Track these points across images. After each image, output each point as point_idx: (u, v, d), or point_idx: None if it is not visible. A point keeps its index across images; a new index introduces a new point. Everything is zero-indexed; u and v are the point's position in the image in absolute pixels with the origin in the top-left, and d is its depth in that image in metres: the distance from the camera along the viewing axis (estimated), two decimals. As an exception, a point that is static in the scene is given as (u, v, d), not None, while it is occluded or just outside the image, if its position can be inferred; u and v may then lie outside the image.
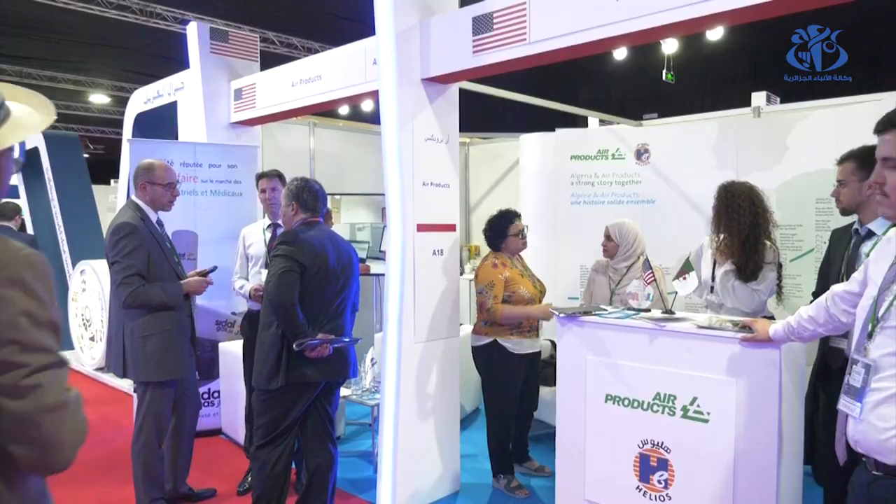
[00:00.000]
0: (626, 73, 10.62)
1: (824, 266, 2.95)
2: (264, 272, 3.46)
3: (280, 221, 3.85)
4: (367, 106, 6.60)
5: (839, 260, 2.76)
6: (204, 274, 3.40)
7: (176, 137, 5.45)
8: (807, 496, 2.83)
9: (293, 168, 4.80)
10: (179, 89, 5.52)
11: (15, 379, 1.08)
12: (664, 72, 8.48)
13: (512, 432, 3.86)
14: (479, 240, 7.06)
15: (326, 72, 4.42)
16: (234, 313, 4.62)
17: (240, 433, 4.26)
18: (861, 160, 2.64)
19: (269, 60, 5.62)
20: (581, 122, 6.73)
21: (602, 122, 6.45)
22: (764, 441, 2.46)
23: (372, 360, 4.37)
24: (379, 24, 3.40)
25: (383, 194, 3.47)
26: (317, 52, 8.44)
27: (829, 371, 2.68)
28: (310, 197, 3.15)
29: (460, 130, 3.81)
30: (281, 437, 3.01)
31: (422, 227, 3.47)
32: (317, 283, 2.95)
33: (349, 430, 4.80)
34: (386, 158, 3.40)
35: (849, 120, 3.79)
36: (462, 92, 3.90)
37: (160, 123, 5.85)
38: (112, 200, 9.55)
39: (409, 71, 3.43)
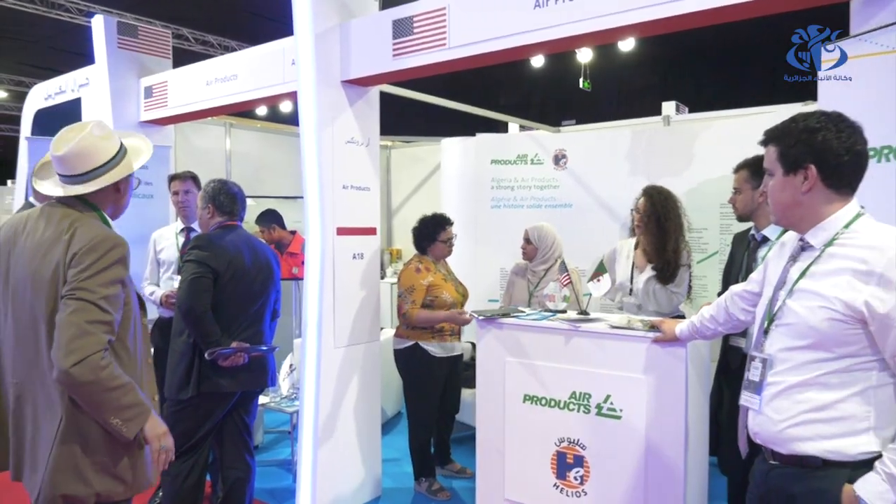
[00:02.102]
0: (546, 80, 10.89)
1: (727, 268, 3.11)
2: (177, 278, 3.33)
3: (194, 225, 3.72)
4: (285, 107, 6.47)
5: (739, 262, 2.92)
6: None
7: (80, 136, 5.15)
8: (712, 485, 2.99)
9: (209, 170, 4.63)
10: (84, 85, 5.24)
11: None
12: (581, 80, 8.74)
13: (433, 435, 3.87)
14: (401, 243, 7.05)
15: (243, 71, 4.30)
16: (144, 320, 4.41)
17: (151, 446, 4.06)
18: (754, 169, 2.80)
19: (183, 58, 5.42)
20: (502, 127, 6.82)
21: (522, 127, 6.57)
22: (672, 434, 2.57)
23: (291, 366, 4.28)
24: (297, 24, 3.35)
25: (302, 197, 3.41)
26: (234, 50, 8.21)
27: (731, 368, 2.83)
28: (227, 199, 3.05)
29: (382, 133, 3.80)
30: (193, 450, 2.90)
31: (342, 231, 3.43)
32: (231, 290, 2.86)
33: (267, 438, 4.69)
34: (305, 161, 3.35)
35: (748, 130, 4.03)
36: (384, 95, 3.89)
37: (63, 121, 5.48)
38: (9, 202, 8.93)
39: (329, 73, 3.39)
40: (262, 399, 3.96)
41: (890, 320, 1.43)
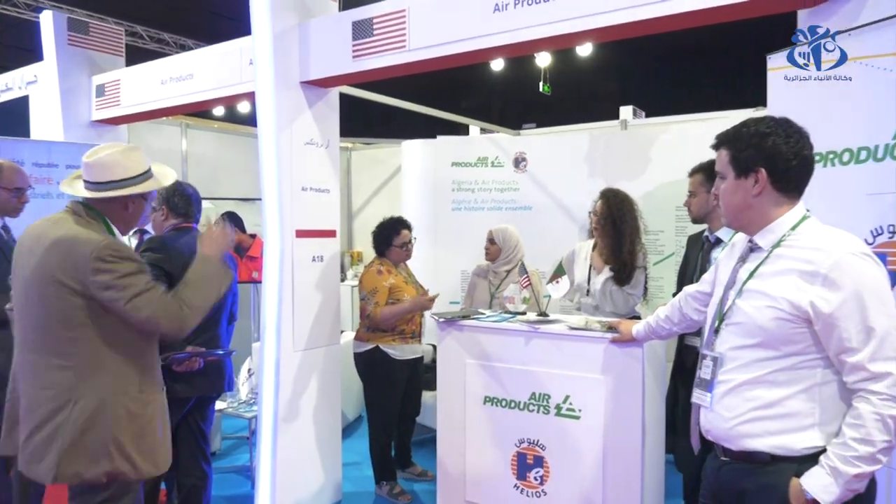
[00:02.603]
0: (507, 84, 10.97)
1: (682, 269, 3.18)
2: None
3: (147, 227, 3.63)
4: (243, 107, 6.37)
5: (694, 263, 2.99)
6: None
7: (27, 135, 5.00)
8: (668, 482, 3.05)
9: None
10: (32, 83, 5.08)
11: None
12: (541, 84, 8.83)
13: (394, 438, 3.86)
14: (361, 245, 7.02)
15: (199, 70, 4.22)
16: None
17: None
18: (708, 173, 2.88)
19: (137, 56, 5.30)
20: (463, 129, 6.85)
21: (483, 130, 6.61)
22: (629, 433, 2.62)
23: (249, 370, 4.22)
24: (255, 23, 3.30)
25: (260, 199, 3.36)
26: (190, 49, 8.05)
27: (686, 367, 2.89)
28: (182, 201, 2.99)
29: (342, 135, 3.77)
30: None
31: (301, 233, 3.39)
32: (186, 293, 2.79)
33: (225, 444, 4.60)
34: (263, 162, 3.30)
35: (702, 134, 4.13)
36: (345, 97, 3.86)
37: (9, 118, 5.34)
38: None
39: (288, 73, 3.35)
40: (219, 404, 3.89)
41: (834, 319, 1.48)
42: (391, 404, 3.68)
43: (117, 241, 2.00)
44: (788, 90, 2.39)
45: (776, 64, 2.42)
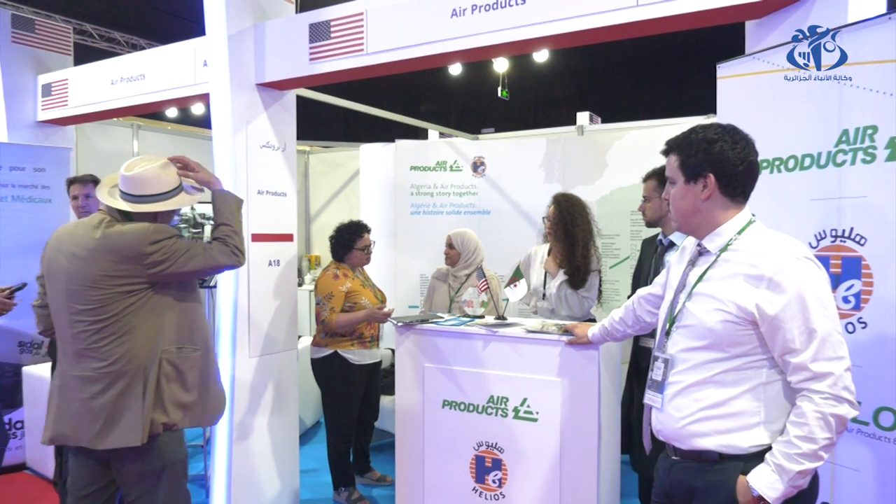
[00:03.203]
0: (466, 89, 11.04)
1: (636, 272, 3.24)
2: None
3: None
4: (197, 109, 6.25)
5: (648, 266, 3.06)
6: (10, 293, 3.00)
7: (-31, 135, 4.80)
8: (624, 482, 3.10)
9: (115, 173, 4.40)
10: (-27, 81, 4.88)
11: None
12: (499, 89, 8.92)
13: (352, 444, 3.83)
14: (319, 250, 6.95)
15: (152, 71, 4.13)
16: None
17: (48, 466, 3.82)
18: (661, 178, 2.94)
19: (87, 55, 5.15)
20: (422, 133, 6.86)
21: (442, 134, 6.63)
22: (586, 434, 2.65)
23: (204, 377, 4.12)
24: (210, 24, 3.25)
25: (215, 202, 3.29)
26: (142, 49, 7.86)
27: (640, 369, 2.95)
28: (131, 205, 2.91)
29: (300, 138, 3.73)
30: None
31: (257, 237, 3.34)
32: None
33: (179, 453, 4.49)
34: (218, 165, 3.24)
35: (657, 141, 4.22)
36: (301, 99, 3.83)
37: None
38: None
39: (243, 75, 3.30)
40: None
41: (778, 321, 1.53)
42: (350, 410, 3.65)
43: (159, 224, 2.24)
44: (737, 98, 2.46)
45: (726, 72, 2.49)
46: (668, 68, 10.28)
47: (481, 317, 3.15)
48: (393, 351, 4.31)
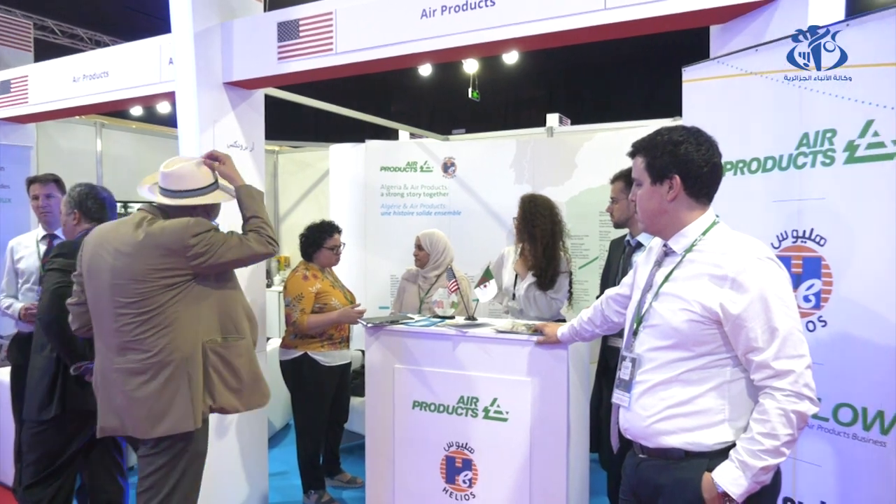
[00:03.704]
0: (437, 90, 11.05)
1: (604, 272, 3.28)
2: (38, 289, 3.07)
3: (57, 232, 3.45)
4: (163, 108, 6.15)
5: (616, 267, 3.09)
6: None
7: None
8: (593, 480, 3.13)
9: (77, 172, 4.33)
10: (-73, 77, 4.73)
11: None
12: (470, 90, 8.93)
13: (322, 446, 3.80)
14: (288, 250, 6.89)
15: (116, 68, 4.04)
16: (0, 336, 4.04)
17: (7, 473, 3.72)
18: (628, 179, 2.97)
19: (48, 51, 5.03)
20: (392, 134, 6.84)
21: (412, 135, 6.62)
22: (555, 433, 2.67)
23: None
24: (175, 21, 3.19)
25: (181, 203, 3.24)
26: (106, 45, 7.69)
27: (609, 368, 2.98)
28: (95, 205, 2.86)
29: (269, 138, 3.70)
30: (58, 474, 2.69)
31: (224, 238, 3.29)
32: (100, 300, 2.68)
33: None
34: (184, 165, 3.19)
35: (625, 143, 4.28)
36: (271, 98, 3.79)
37: None
38: None
39: (210, 74, 3.26)
40: (137, 417, 3.72)
41: (741, 320, 1.56)
42: (320, 412, 3.62)
43: (200, 218, 2.31)
44: (702, 101, 2.50)
45: (691, 76, 2.53)
46: (636, 71, 10.43)
47: (451, 317, 3.15)
48: (363, 352, 4.30)
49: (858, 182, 2.02)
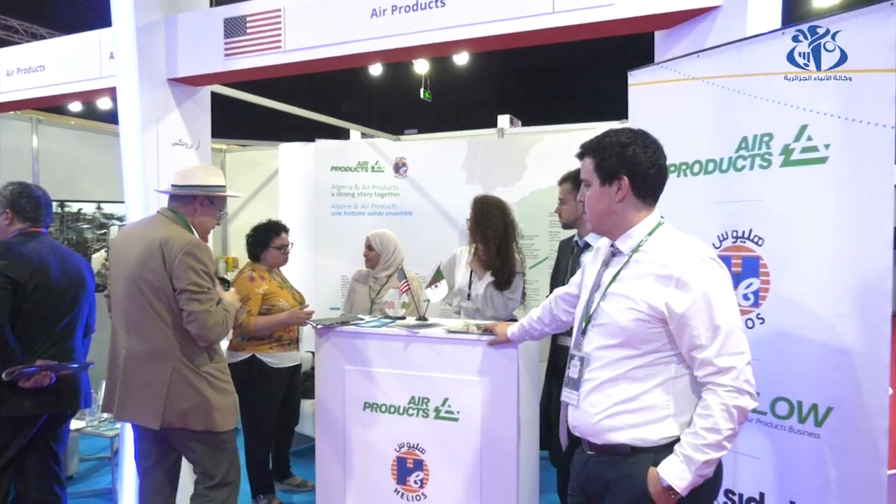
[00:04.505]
0: (388, 89, 11.02)
1: (554, 272, 3.32)
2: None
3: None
4: (103, 104, 5.94)
5: (565, 267, 3.13)
6: None
7: None
8: (543, 477, 3.17)
9: (11, 171, 4.14)
10: None
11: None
12: (422, 90, 8.94)
13: (272, 449, 3.73)
14: (237, 251, 6.74)
15: (53, 62, 3.89)
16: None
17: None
18: (576, 181, 3.01)
19: (-23, 43, 4.79)
20: (343, 133, 6.78)
21: (364, 135, 6.57)
22: (506, 431, 2.69)
23: (111, 385, 3.92)
24: (116, 14, 3.10)
25: (123, 202, 3.15)
26: (42, 38, 7.39)
27: (558, 366, 3.02)
28: (29, 204, 2.75)
29: (216, 136, 3.62)
30: (-11, 485, 2.56)
31: (169, 238, 3.20)
32: (35, 302, 2.58)
33: (84, 466, 4.25)
34: (126, 163, 3.10)
35: (575, 144, 4.34)
36: (218, 96, 3.71)
37: None
38: None
39: (153, 69, 3.17)
40: (76, 423, 3.59)
41: (685, 319, 1.61)
42: (269, 415, 3.56)
43: (203, 245, 2.49)
44: (647, 105, 2.56)
45: (636, 80, 2.59)
46: (584, 74, 10.62)
47: (402, 318, 3.15)
48: (313, 354, 4.24)
49: (794, 184, 2.10)
